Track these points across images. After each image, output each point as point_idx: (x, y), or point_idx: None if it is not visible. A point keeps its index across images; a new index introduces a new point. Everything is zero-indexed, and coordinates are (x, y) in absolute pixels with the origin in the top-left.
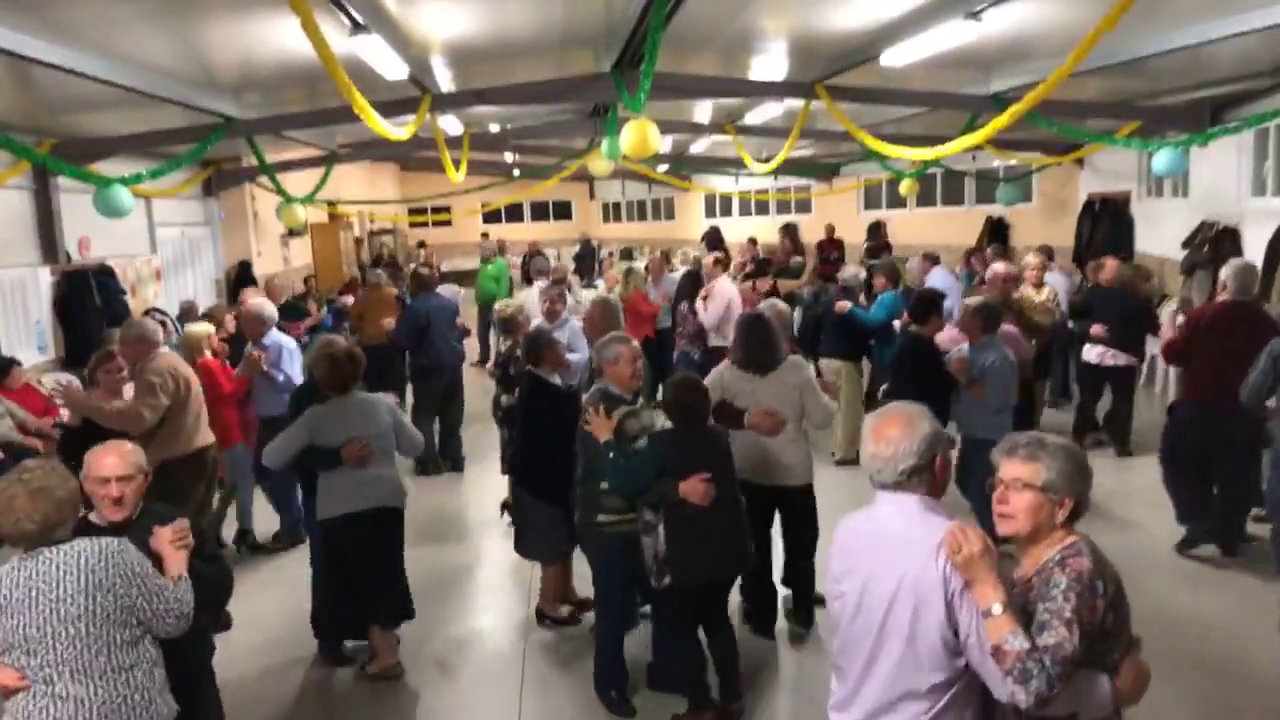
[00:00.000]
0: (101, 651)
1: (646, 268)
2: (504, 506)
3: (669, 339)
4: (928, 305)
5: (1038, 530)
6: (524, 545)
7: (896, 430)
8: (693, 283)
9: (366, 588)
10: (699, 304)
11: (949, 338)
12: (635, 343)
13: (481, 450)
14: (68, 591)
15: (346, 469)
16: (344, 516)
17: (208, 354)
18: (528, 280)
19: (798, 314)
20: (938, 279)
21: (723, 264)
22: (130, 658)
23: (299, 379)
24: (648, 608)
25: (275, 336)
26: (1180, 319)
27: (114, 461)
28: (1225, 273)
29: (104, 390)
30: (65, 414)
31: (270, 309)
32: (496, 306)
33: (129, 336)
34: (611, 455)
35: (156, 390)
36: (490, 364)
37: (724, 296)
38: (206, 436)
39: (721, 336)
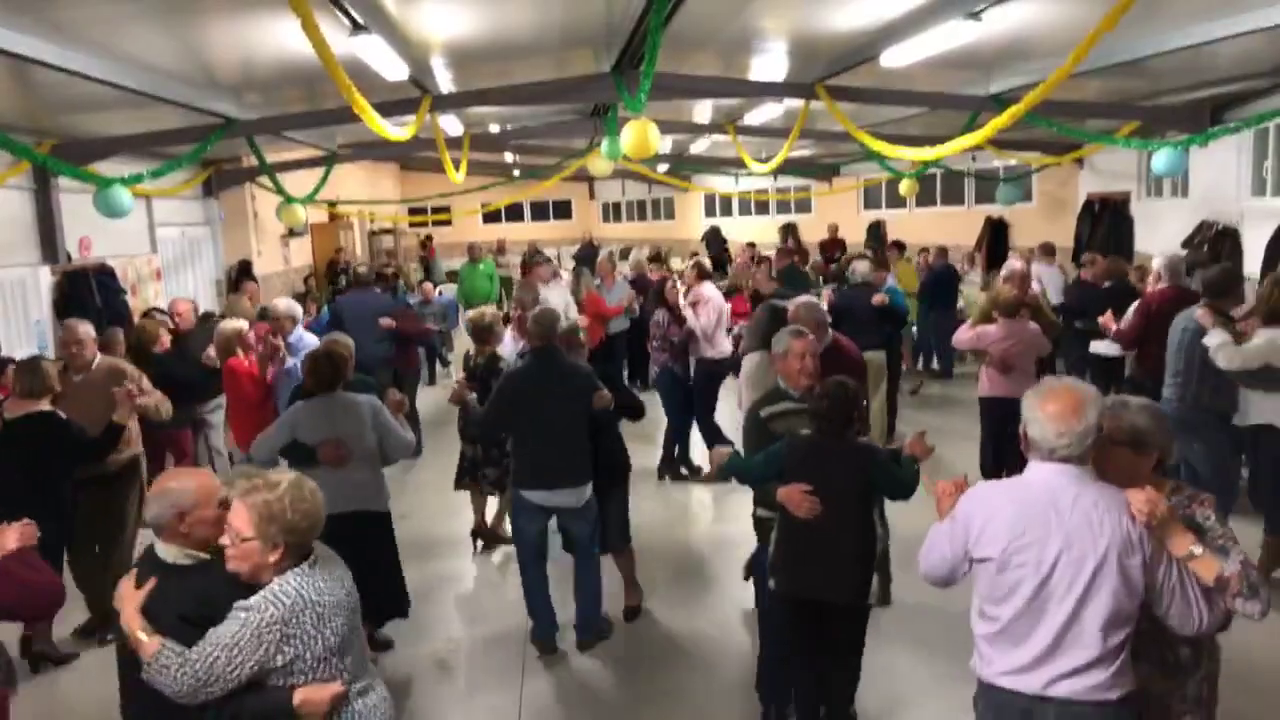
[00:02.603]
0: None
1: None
2: (475, 535)
3: (620, 343)
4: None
5: (1132, 483)
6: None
7: (1079, 407)
8: (657, 293)
9: None
10: (687, 312)
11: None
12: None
13: None
14: (351, 593)
15: (325, 470)
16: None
17: (240, 354)
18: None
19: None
20: (1045, 274)
21: (703, 271)
22: None
23: None
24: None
25: (300, 334)
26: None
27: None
28: (1157, 264)
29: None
30: (122, 414)
31: (295, 307)
32: (470, 314)
33: (85, 336)
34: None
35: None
36: (461, 376)
37: (715, 303)
38: (138, 445)
39: (713, 345)
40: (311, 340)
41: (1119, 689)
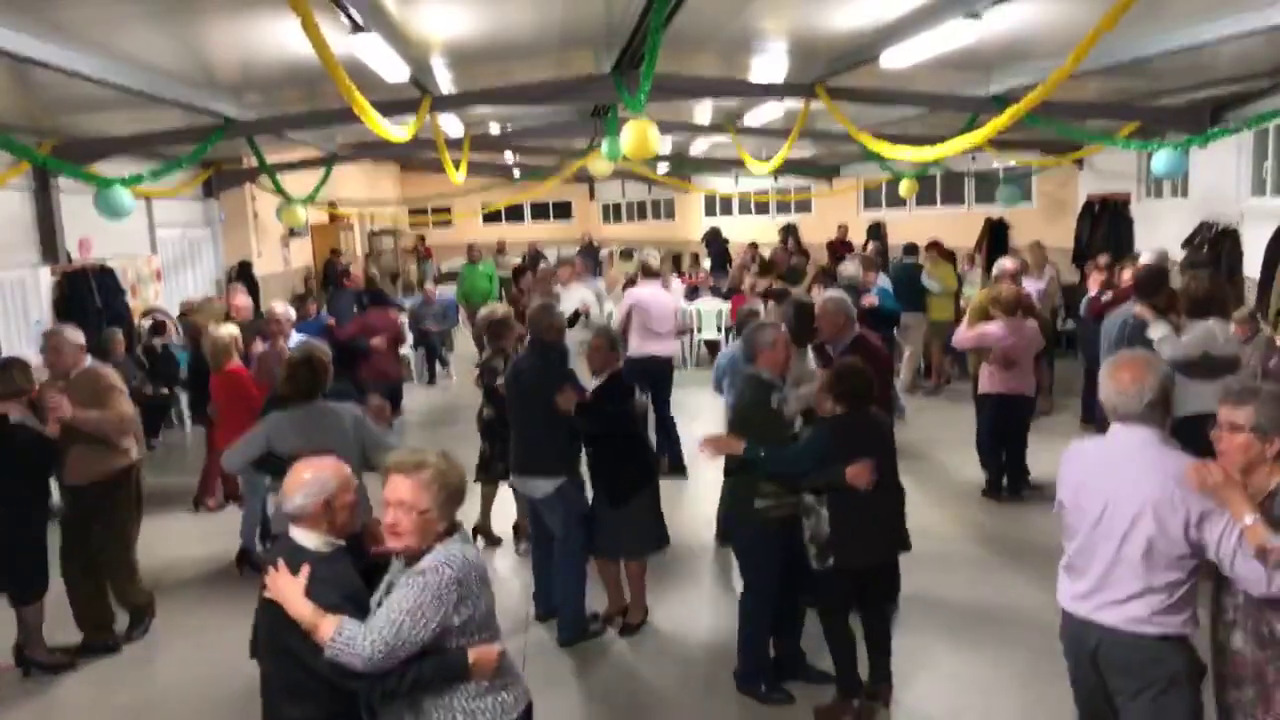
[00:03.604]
0: None
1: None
2: (476, 532)
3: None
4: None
5: (1251, 465)
6: (619, 545)
7: (1137, 370)
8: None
9: None
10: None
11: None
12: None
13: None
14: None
15: None
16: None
17: (236, 359)
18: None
19: None
20: (1034, 290)
21: (648, 270)
22: None
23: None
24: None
25: (297, 339)
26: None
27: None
28: (1146, 258)
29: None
30: (52, 428)
31: (290, 310)
32: (483, 311)
33: (67, 343)
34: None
35: (123, 393)
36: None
37: (639, 304)
38: (134, 452)
39: (626, 345)
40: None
41: (1159, 627)
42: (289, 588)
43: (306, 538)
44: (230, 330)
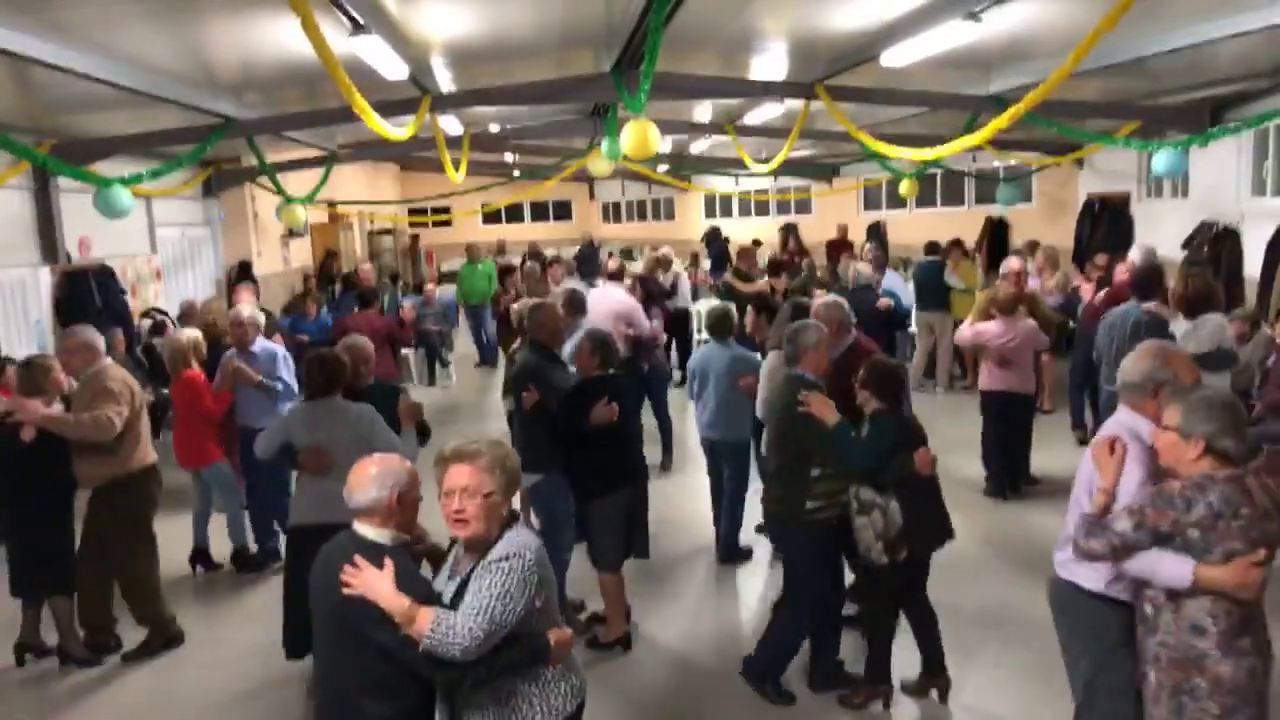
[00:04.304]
0: None
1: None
2: None
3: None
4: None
5: (1177, 462)
6: (592, 552)
7: (1141, 361)
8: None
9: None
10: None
11: None
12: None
13: None
14: None
15: (305, 477)
16: (296, 528)
17: (195, 366)
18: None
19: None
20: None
21: (613, 274)
22: None
23: (295, 384)
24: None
25: (263, 344)
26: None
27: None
28: (1134, 255)
29: (46, 401)
30: (26, 432)
31: (258, 315)
32: (515, 306)
33: (75, 345)
34: (851, 435)
35: (119, 398)
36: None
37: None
38: (151, 453)
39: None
40: (277, 349)
41: (1094, 584)
42: (381, 582)
43: (377, 533)
44: (191, 335)
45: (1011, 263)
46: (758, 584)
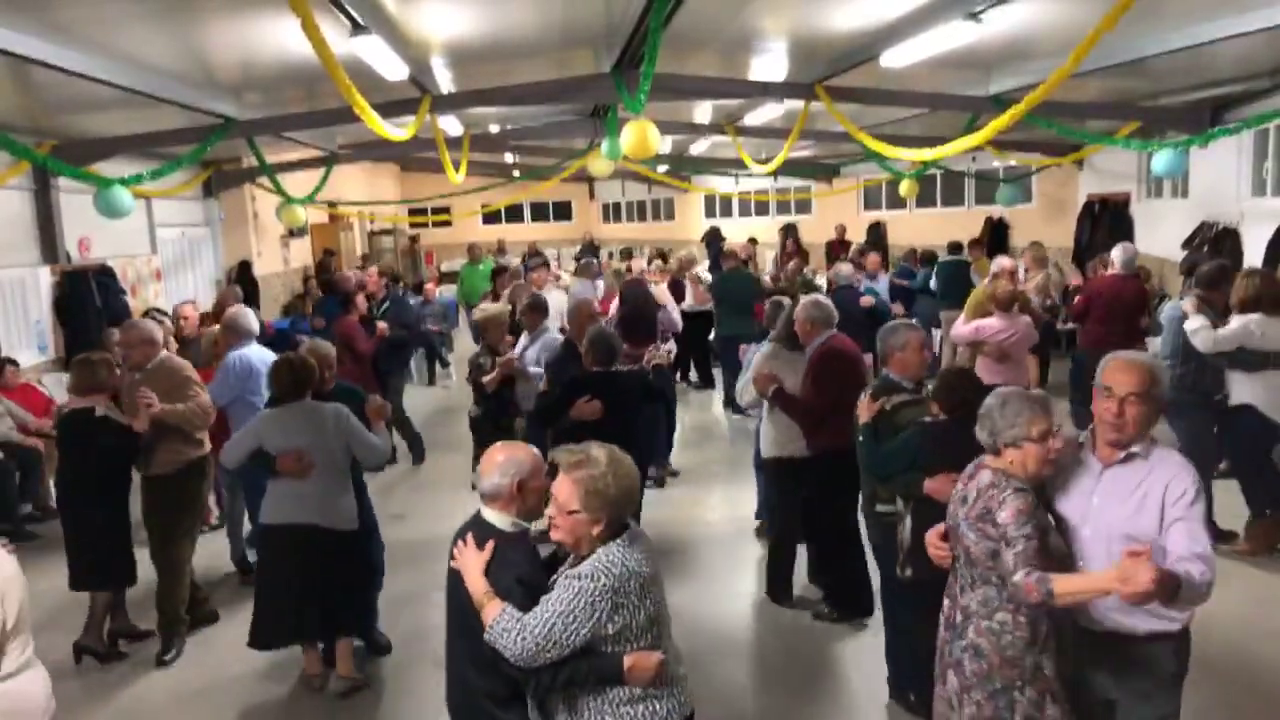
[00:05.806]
0: None
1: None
2: None
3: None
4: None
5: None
6: None
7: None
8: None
9: (286, 603)
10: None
11: None
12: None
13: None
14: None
15: (284, 479)
16: (265, 527)
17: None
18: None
19: None
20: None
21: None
22: None
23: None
24: None
25: (241, 352)
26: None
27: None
28: (1115, 254)
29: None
30: (140, 423)
31: (248, 320)
32: (476, 313)
33: (135, 339)
34: (861, 439)
35: (199, 384)
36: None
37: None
38: (207, 443)
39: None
40: (257, 356)
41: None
42: (472, 562)
43: (498, 517)
44: (207, 333)
45: (1003, 261)
46: (750, 584)
